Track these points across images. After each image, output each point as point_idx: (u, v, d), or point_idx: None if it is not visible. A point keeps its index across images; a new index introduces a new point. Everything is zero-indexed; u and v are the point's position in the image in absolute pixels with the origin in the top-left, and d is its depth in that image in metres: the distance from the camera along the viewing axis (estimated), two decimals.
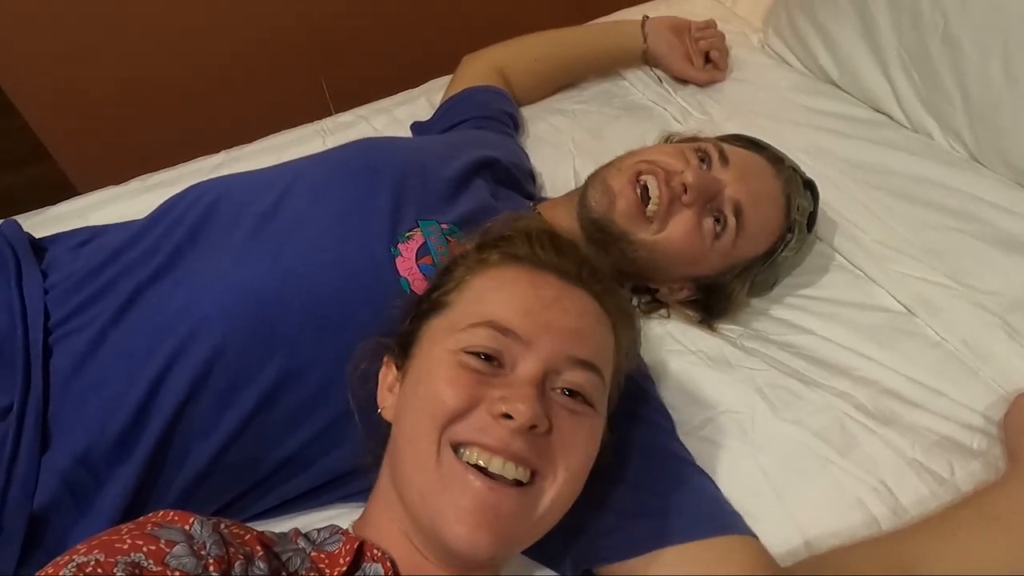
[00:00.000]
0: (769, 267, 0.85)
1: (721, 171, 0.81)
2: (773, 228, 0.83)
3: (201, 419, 0.65)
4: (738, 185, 0.80)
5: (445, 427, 0.52)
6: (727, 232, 0.80)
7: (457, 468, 0.51)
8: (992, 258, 0.88)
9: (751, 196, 0.80)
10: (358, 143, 0.89)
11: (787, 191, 0.84)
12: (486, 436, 0.51)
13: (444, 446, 0.52)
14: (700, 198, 0.78)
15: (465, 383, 0.53)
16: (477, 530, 0.49)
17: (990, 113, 0.96)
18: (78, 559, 0.42)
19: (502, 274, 0.59)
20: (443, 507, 0.50)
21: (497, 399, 0.51)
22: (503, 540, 0.50)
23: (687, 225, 0.79)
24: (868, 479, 0.71)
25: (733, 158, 0.82)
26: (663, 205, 0.79)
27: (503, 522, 0.50)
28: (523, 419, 0.50)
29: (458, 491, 0.50)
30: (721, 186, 0.80)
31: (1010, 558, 0.60)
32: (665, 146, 0.87)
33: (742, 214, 0.80)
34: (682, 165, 0.80)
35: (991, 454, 0.72)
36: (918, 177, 1.00)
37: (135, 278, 0.70)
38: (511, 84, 1.21)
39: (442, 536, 0.50)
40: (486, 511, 0.50)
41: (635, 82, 1.27)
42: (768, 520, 0.67)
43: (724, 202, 0.79)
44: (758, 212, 0.81)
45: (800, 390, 0.78)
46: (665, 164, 0.81)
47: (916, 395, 0.77)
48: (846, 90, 1.18)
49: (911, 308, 0.86)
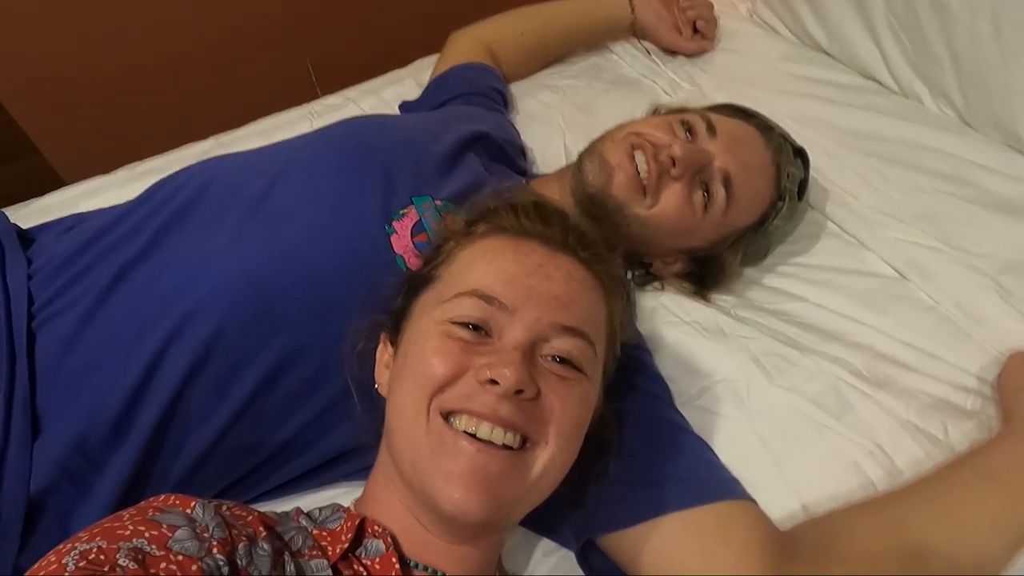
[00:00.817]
0: (761, 236, 0.85)
1: (709, 142, 0.80)
2: (763, 197, 0.83)
3: (200, 403, 0.65)
4: (726, 156, 0.80)
5: (433, 396, 0.52)
6: (717, 203, 0.80)
7: (446, 434, 0.51)
8: (984, 221, 0.88)
9: (740, 166, 0.80)
10: (349, 121, 0.88)
11: (776, 160, 0.84)
12: (473, 402, 0.51)
13: (433, 414, 0.52)
14: (688, 170, 0.78)
15: (452, 351, 0.53)
16: (468, 493, 0.49)
17: (980, 75, 0.96)
18: (80, 546, 0.42)
19: (487, 244, 0.59)
20: (434, 473, 0.51)
21: (483, 365, 0.52)
22: (495, 502, 0.50)
23: (677, 198, 0.79)
24: (863, 443, 0.71)
25: (720, 128, 0.81)
26: (652, 179, 0.79)
27: (494, 484, 0.50)
28: (508, 384, 0.50)
29: (448, 456, 0.51)
30: (709, 157, 0.79)
31: (1006, 516, 0.61)
32: (653, 118, 0.86)
33: (731, 185, 0.80)
34: (669, 138, 0.80)
35: (985, 414, 0.73)
36: (909, 142, 1.00)
37: (119, 258, 0.69)
38: (499, 60, 1.20)
39: (435, 501, 0.50)
40: (476, 473, 0.50)
41: (623, 55, 1.26)
42: (765, 486, 0.68)
43: (713, 173, 0.79)
44: (748, 182, 0.81)
45: (794, 357, 0.79)
46: (653, 137, 0.80)
47: (910, 358, 0.78)
48: (835, 57, 1.17)
49: (904, 273, 0.86)
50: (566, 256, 0.59)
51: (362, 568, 0.52)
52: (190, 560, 0.43)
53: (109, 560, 0.41)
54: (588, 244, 0.60)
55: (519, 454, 0.52)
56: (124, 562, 0.41)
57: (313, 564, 0.51)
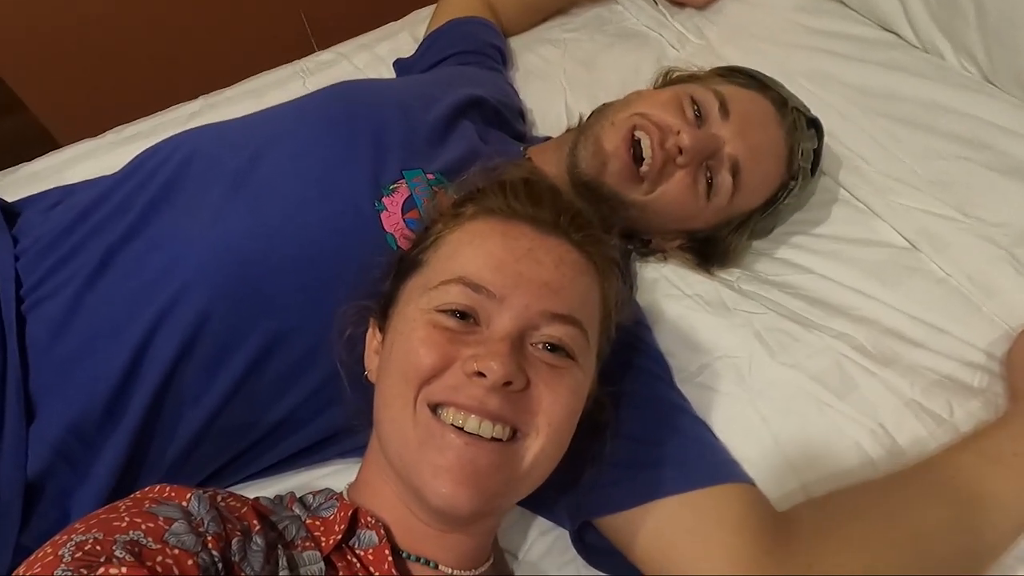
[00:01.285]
0: (769, 215, 0.82)
1: (720, 125, 0.76)
2: (772, 181, 0.80)
3: (190, 384, 0.64)
4: (737, 141, 0.75)
5: (420, 388, 0.51)
6: (722, 192, 0.76)
7: (434, 427, 0.50)
8: (1002, 188, 0.84)
9: (750, 152, 0.76)
10: (335, 88, 0.84)
11: (790, 142, 0.79)
12: (460, 395, 0.50)
13: (420, 406, 0.51)
14: (695, 159, 0.75)
15: (438, 342, 0.51)
16: (457, 487, 0.49)
17: (1007, 29, 0.90)
18: (76, 537, 0.42)
19: (475, 228, 0.57)
20: (422, 466, 0.50)
21: (470, 357, 0.50)
22: (483, 495, 0.50)
23: (680, 186, 0.76)
24: (866, 421, 0.70)
25: (734, 108, 0.77)
26: (655, 167, 0.75)
27: (482, 477, 0.49)
28: (495, 376, 0.49)
29: (435, 449, 0.50)
30: (719, 143, 0.75)
31: (1010, 500, 0.60)
32: (661, 94, 0.81)
33: (740, 172, 0.76)
34: (678, 121, 0.75)
35: (991, 392, 0.71)
36: (927, 102, 0.95)
37: (106, 239, 0.68)
38: (497, 13, 1.14)
39: (423, 495, 0.50)
40: (464, 467, 0.49)
41: (628, 6, 1.21)
42: (765, 465, 0.67)
43: (722, 160, 0.76)
44: (757, 167, 0.77)
45: (798, 333, 0.76)
46: (660, 120, 0.76)
47: (918, 334, 0.76)
48: (853, 7, 1.11)
49: (915, 243, 0.83)
50: (557, 239, 0.56)
51: (355, 559, 0.52)
52: (186, 554, 0.43)
53: (105, 552, 0.41)
54: (581, 225, 0.58)
55: (509, 446, 0.51)
56: (121, 554, 0.41)
57: (306, 556, 0.51)
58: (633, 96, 0.83)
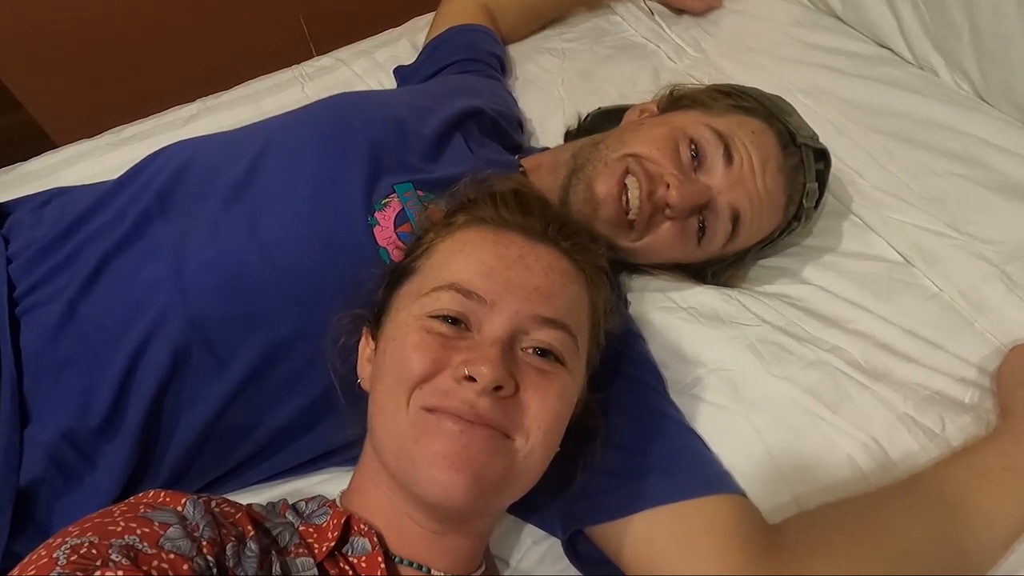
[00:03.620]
0: (768, 247, 0.81)
1: (722, 172, 0.73)
2: (769, 226, 0.78)
3: (187, 394, 0.64)
4: (737, 191, 0.73)
5: (412, 391, 0.51)
6: (716, 238, 0.75)
7: (429, 419, 0.50)
8: (994, 205, 0.85)
9: (752, 203, 0.74)
10: (331, 101, 0.84)
11: (792, 183, 0.77)
12: (451, 400, 0.50)
13: (414, 408, 0.51)
14: (682, 215, 0.73)
15: (430, 347, 0.52)
16: (453, 473, 0.49)
17: (1000, 48, 0.92)
18: (71, 541, 0.42)
19: (466, 236, 0.57)
20: (418, 456, 0.50)
21: (461, 362, 0.50)
22: (479, 484, 0.49)
23: (668, 235, 0.75)
24: (859, 435, 0.70)
25: (737, 153, 0.73)
26: (643, 218, 0.73)
27: (476, 463, 0.49)
28: (486, 381, 0.49)
29: (432, 436, 0.50)
30: (709, 196, 0.73)
31: (998, 515, 0.61)
32: (657, 128, 0.76)
33: (739, 223, 0.74)
34: (670, 167, 0.73)
35: (983, 407, 0.72)
36: (921, 118, 0.96)
37: (101, 246, 0.68)
38: (497, 20, 1.15)
39: (419, 487, 0.50)
40: (459, 452, 0.49)
41: (627, 17, 1.22)
42: (758, 478, 0.67)
43: (717, 209, 0.74)
44: (755, 217, 0.75)
45: (792, 345, 0.77)
46: (651, 168, 0.73)
47: (910, 348, 0.76)
48: (849, 23, 1.13)
49: (909, 258, 0.84)
50: (546, 247, 0.57)
51: (348, 567, 0.52)
52: (181, 559, 0.43)
53: (101, 555, 0.41)
54: (570, 234, 0.59)
55: (500, 439, 0.51)
56: (116, 558, 0.41)
57: (299, 562, 0.51)
58: (629, 125, 0.81)
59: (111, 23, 1.43)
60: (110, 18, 1.42)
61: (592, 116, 0.94)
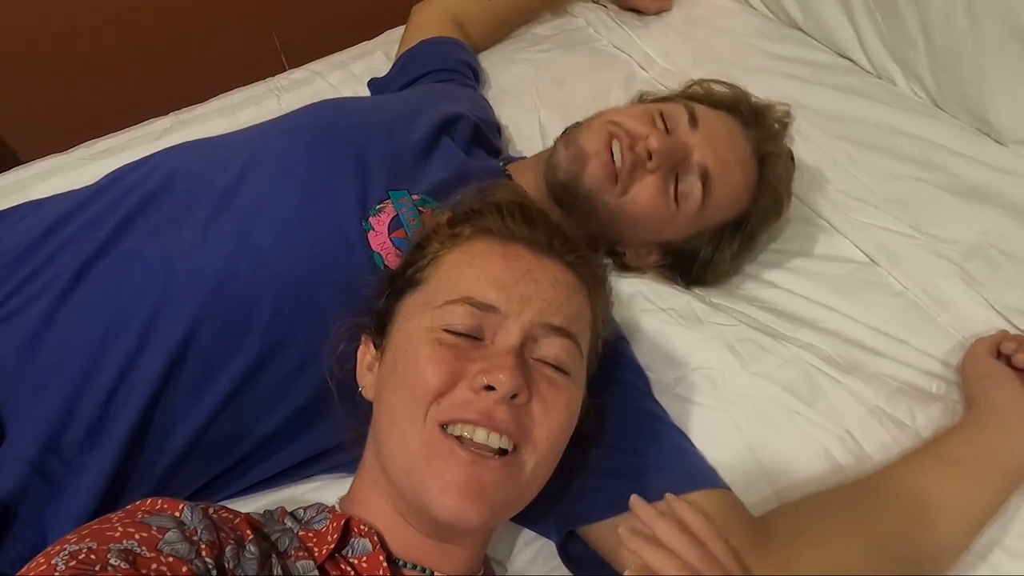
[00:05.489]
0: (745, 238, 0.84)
1: (689, 134, 0.79)
2: (741, 193, 0.82)
3: (177, 402, 0.64)
4: (706, 150, 0.78)
5: (430, 406, 0.52)
6: (692, 198, 0.79)
7: (442, 444, 0.52)
8: (952, 207, 0.90)
9: (719, 161, 0.79)
10: (317, 107, 0.85)
11: (759, 152, 0.82)
12: (469, 411, 0.51)
13: (430, 424, 0.52)
14: (665, 163, 0.77)
15: (445, 360, 0.53)
16: (464, 501, 0.50)
17: (952, 59, 0.97)
18: (70, 548, 0.42)
19: (474, 248, 0.59)
20: (429, 482, 0.51)
21: (478, 372, 0.52)
22: (489, 509, 0.51)
23: (651, 190, 0.78)
24: (834, 428, 0.73)
25: (703, 121, 0.80)
26: (625, 169, 0.77)
27: (488, 492, 0.51)
28: (505, 389, 0.51)
29: (442, 465, 0.51)
30: (687, 150, 0.78)
31: (967, 501, 0.64)
32: (633, 107, 0.84)
33: (709, 180, 0.78)
34: (648, 129, 0.78)
35: (949, 398, 0.76)
36: (881, 125, 1.00)
37: (80, 252, 0.67)
38: (467, 30, 1.17)
39: (430, 509, 0.51)
40: (471, 482, 0.50)
41: (598, 27, 1.24)
42: (740, 472, 0.70)
43: (691, 167, 0.78)
44: (726, 177, 0.80)
45: (768, 344, 0.80)
46: (630, 128, 0.79)
47: (879, 344, 0.80)
48: (810, 34, 1.17)
49: (874, 258, 0.88)
50: (551, 259, 0.59)
51: (349, 568, 0.52)
52: (180, 562, 0.43)
53: (100, 560, 0.41)
54: (573, 247, 0.61)
55: (509, 459, 0.53)
56: (115, 562, 0.41)
57: (300, 565, 0.51)
58: (606, 109, 0.86)
59: (76, 38, 1.40)
60: (75, 33, 1.40)
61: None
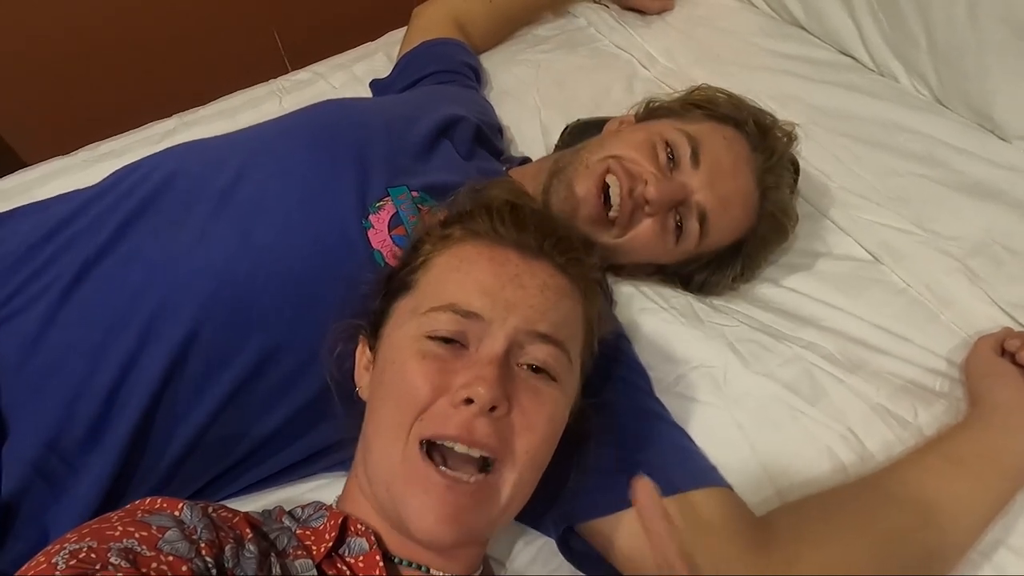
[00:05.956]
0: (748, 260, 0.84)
1: (691, 173, 0.77)
2: (740, 226, 0.81)
3: (179, 402, 0.64)
4: (706, 191, 0.76)
5: (413, 422, 0.52)
6: (689, 238, 0.78)
7: (420, 466, 0.51)
8: (955, 203, 0.89)
9: (718, 203, 0.77)
10: (317, 107, 0.85)
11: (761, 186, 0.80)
12: (449, 426, 0.51)
13: (412, 442, 0.52)
14: (662, 210, 0.76)
15: (429, 373, 0.53)
16: (439, 524, 0.50)
17: (954, 55, 0.96)
18: (70, 546, 0.42)
19: (463, 252, 0.58)
20: (407, 499, 0.51)
21: (459, 387, 0.52)
22: (465, 530, 0.51)
23: (649, 232, 0.77)
24: (836, 427, 0.73)
25: (705, 156, 0.77)
26: (624, 214, 0.76)
27: (463, 516, 0.51)
28: (483, 402, 0.50)
29: (421, 488, 0.51)
30: (686, 193, 0.76)
31: (971, 500, 0.63)
32: (636, 134, 0.81)
33: (707, 222, 0.77)
34: (649, 167, 0.76)
35: (953, 396, 0.75)
36: (884, 122, 1.00)
37: (81, 253, 0.67)
38: (468, 31, 1.17)
39: (407, 527, 0.51)
40: (446, 506, 0.50)
41: (600, 27, 1.24)
42: (742, 471, 0.69)
43: (690, 208, 0.77)
44: (724, 216, 0.78)
45: (769, 343, 0.79)
46: (631, 168, 0.77)
47: (881, 342, 0.79)
48: (812, 32, 1.17)
49: (877, 256, 0.87)
50: (541, 263, 0.58)
51: (345, 567, 0.52)
52: (180, 561, 0.44)
53: (100, 559, 0.41)
54: (565, 249, 0.60)
55: (488, 480, 0.52)
56: (116, 560, 0.41)
57: (298, 564, 0.51)
58: (609, 134, 0.85)
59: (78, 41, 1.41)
60: (77, 35, 1.41)
61: (572, 128, 0.97)
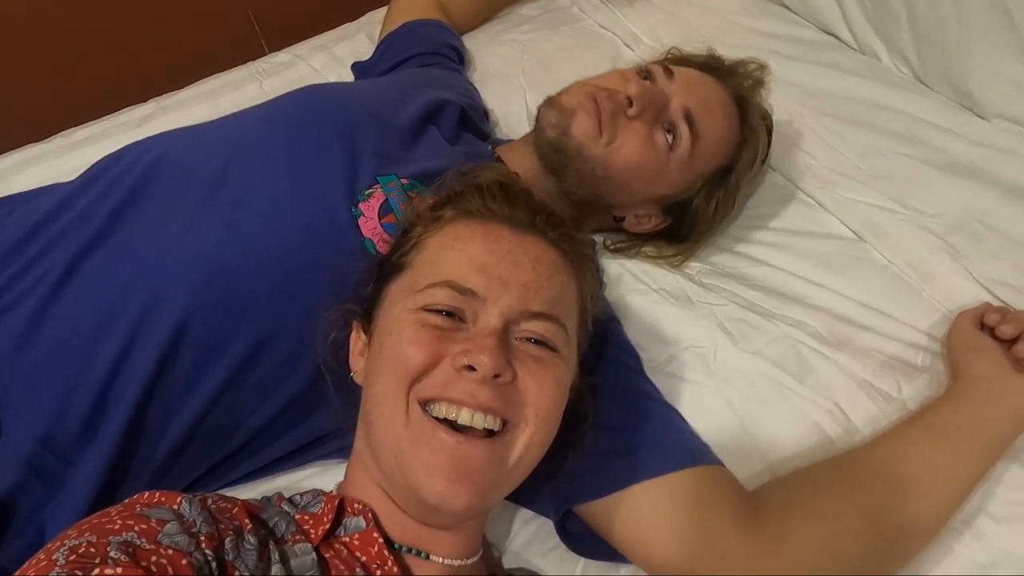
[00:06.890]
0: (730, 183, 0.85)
1: (666, 84, 0.81)
2: (727, 136, 0.83)
3: (172, 394, 0.64)
4: (685, 94, 0.80)
5: (411, 385, 0.52)
6: (682, 141, 0.80)
7: (426, 425, 0.51)
8: (936, 182, 0.91)
9: (700, 103, 0.81)
10: (302, 92, 0.84)
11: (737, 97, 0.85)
12: (451, 390, 0.51)
13: (412, 404, 0.52)
14: (646, 109, 0.79)
15: (427, 340, 0.53)
16: (451, 484, 0.50)
17: (935, 34, 0.97)
18: (69, 542, 0.42)
19: (456, 231, 0.58)
20: (416, 465, 0.51)
21: (460, 352, 0.52)
22: (478, 492, 0.51)
23: (637, 137, 0.79)
24: (823, 402, 0.74)
25: (678, 72, 0.82)
26: (606, 116, 0.79)
27: (476, 474, 0.51)
28: (485, 369, 0.51)
29: (428, 448, 0.51)
30: (667, 97, 0.80)
31: (954, 470, 0.65)
32: (610, 72, 0.86)
33: (694, 121, 0.80)
34: (625, 84, 0.80)
35: (935, 370, 0.77)
36: (866, 101, 1.01)
37: (71, 246, 0.66)
38: (449, 12, 1.16)
39: (418, 493, 0.51)
40: (457, 465, 0.50)
41: (584, 6, 1.24)
42: (733, 448, 0.71)
43: (674, 112, 0.80)
44: (710, 119, 0.81)
45: (758, 322, 0.81)
46: (608, 83, 0.81)
47: (866, 318, 0.81)
48: (795, 11, 1.17)
49: (860, 234, 0.89)
50: (534, 238, 0.58)
51: (342, 547, 0.52)
52: (180, 554, 0.44)
53: (99, 553, 0.41)
54: (556, 224, 0.60)
55: (499, 439, 0.53)
56: (115, 555, 0.41)
57: (297, 548, 0.51)
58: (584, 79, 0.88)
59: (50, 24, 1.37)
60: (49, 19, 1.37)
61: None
